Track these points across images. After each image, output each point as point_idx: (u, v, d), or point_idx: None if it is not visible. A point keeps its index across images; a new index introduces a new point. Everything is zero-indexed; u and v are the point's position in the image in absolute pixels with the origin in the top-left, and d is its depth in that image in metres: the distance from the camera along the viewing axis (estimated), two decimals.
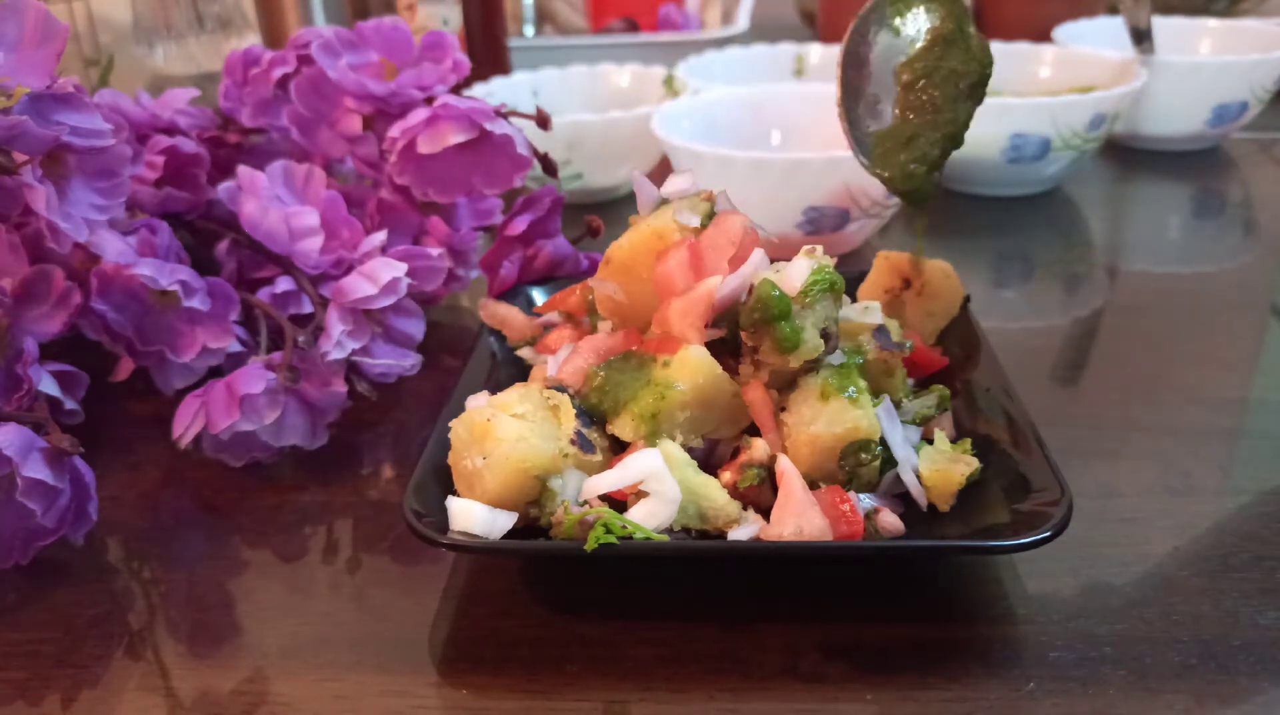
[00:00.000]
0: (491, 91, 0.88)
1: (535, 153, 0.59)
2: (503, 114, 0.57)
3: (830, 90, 0.79)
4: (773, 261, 0.45)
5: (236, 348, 0.55)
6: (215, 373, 0.55)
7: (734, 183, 0.52)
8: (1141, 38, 0.84)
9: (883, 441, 0.42)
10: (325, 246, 0.56)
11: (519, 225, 0.59)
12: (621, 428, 0.42)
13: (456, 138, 0.55)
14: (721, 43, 1.04)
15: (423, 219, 0.62)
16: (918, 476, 0.42)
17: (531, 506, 0.41)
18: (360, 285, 0.51)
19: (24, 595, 0.44)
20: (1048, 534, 0.37)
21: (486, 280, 0.60)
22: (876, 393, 0.44)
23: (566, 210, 0.62)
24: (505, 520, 0.40)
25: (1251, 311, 0.64)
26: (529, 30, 1.27)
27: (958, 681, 0.37)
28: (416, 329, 0.57)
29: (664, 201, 0.46)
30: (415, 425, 0.56)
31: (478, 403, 0.43)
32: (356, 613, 0.42)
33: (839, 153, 0.65)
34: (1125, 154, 0.91)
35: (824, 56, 0.99)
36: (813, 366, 0.43)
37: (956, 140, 0.47)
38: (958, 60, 0.45)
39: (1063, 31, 0.97)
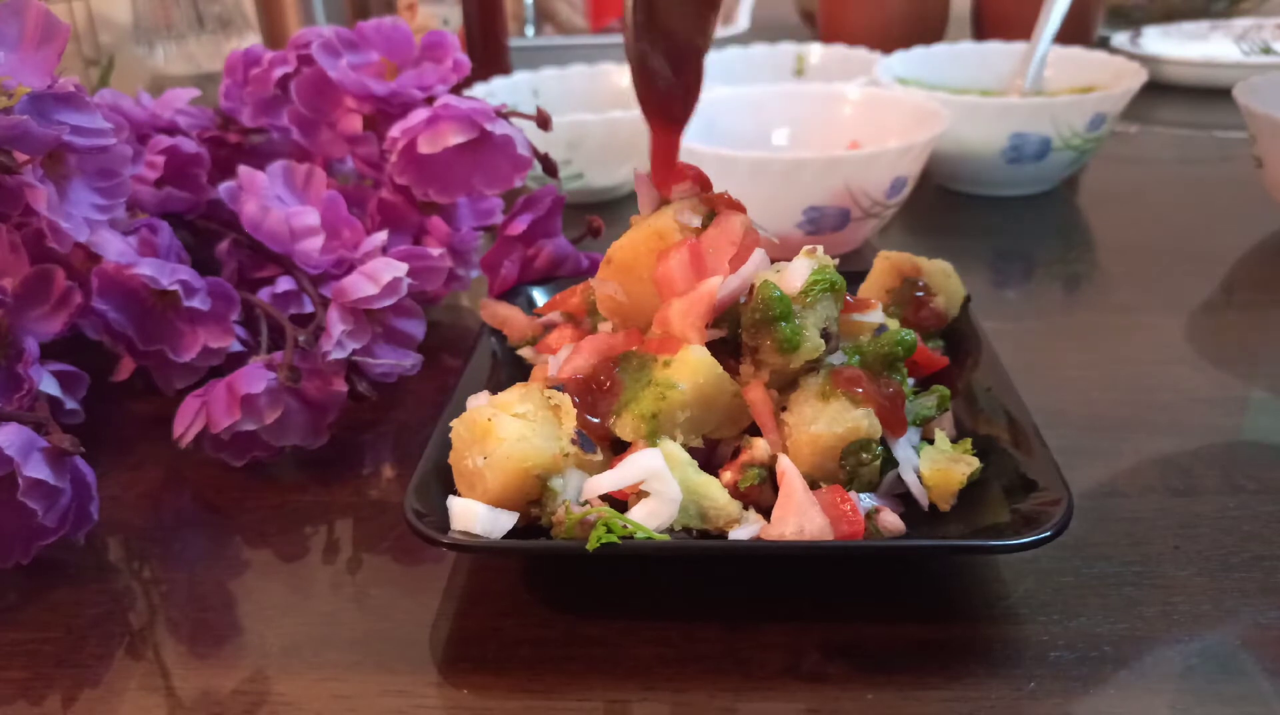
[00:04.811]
0: (492, 91, 0.88)
1: (535, 153, 0.59)
2: (503, 114, 0.57)
3: (831, 90, 0.79)
4: (773, 261, 0.45)
5: (237, 347, 0.55)
6: (216, 372, 0.55)
7: (734, 182, 0.52)
8: None
9: (883, 441, 0.42)
10: (326, 246, 0.56)
11: (520, 225, 0.59)
12: (622, 427, 0.42)
13: (457, 138, 0.55)
14: (722, 43, 1.04)
15: (423, 219, 0.62)
16: (919, 476, 0.42)
17: (532, 506, 0.41)
18: (361, 285, 0.51)
19: (25, 595, 0.44)
20: (1048, 533, 0.37)
21: (487, 280, 0.60)
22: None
23: (567, 210, 0.62)
24: (506, 520, 0.40)
25: (1252, 309, 0.64)
26: (529, 30, 1.27)
27: (959, 681, 0.37)
28: (417, 329, 0.57)
29: (665, 201, 0.46)
30: (416, 425, 0.56)
31: (479, 402, 0.43)
32: (357, 612, 0.42)
33: (839, 153, 0.66)
34: (1126, 153, 0.91)
35: (824, 56, 0.99)
36: (814, 366, 0.43)
37: None
38: None
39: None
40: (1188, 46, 1.16)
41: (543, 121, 0.60)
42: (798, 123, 0.79)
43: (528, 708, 0.37)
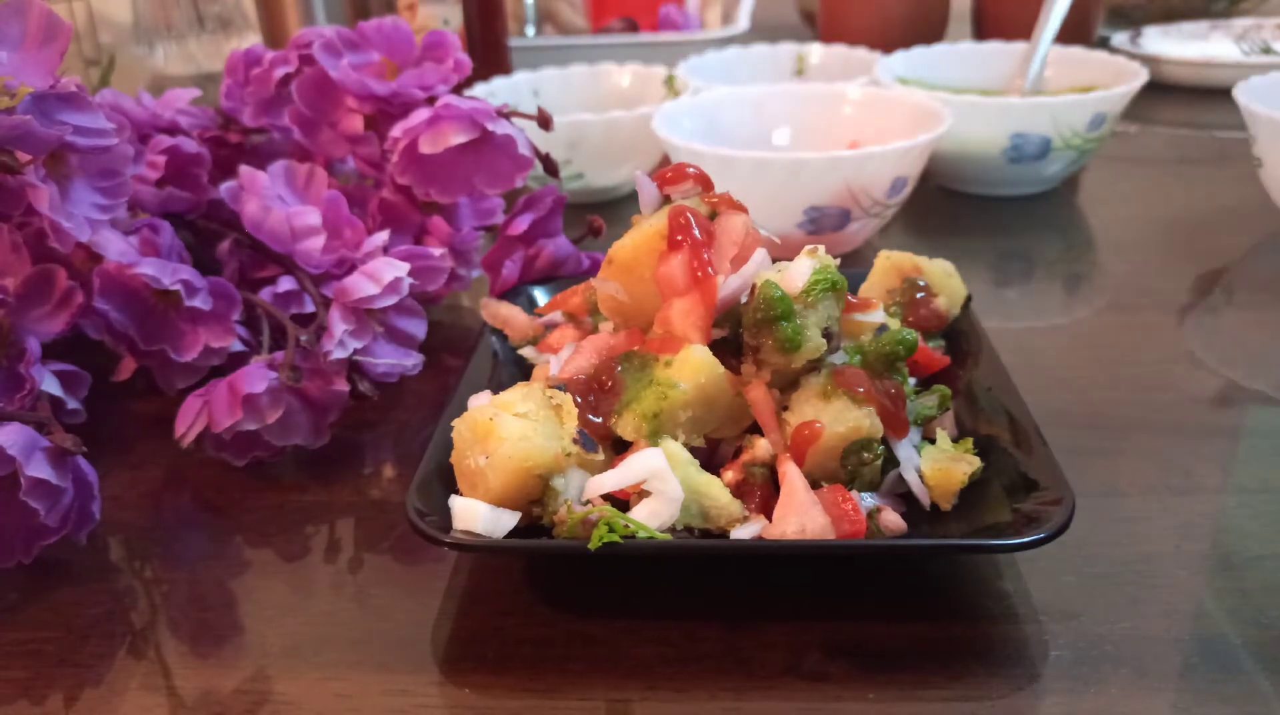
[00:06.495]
0: (492, 91, 0.88)
1: (536, 152, 0.59)
2: (504, 114, 0.58)
3: (831, 90, 0.79)
4: (774, 261, 0.45)
5: (238, 347, 0.55)
6: (217, 372, 0.55)
7: (735, 182, 0.52)
8: None
9: (884, 441, 0.42)
10: (327, 246, 0.56)
11: (521, 225, 0.59)
12: (624, 427, 0.42)
13: (458, 138, 0.55)
14: (722, 43, 1.04)
15: (424, 219, 0.62)
16: (920, 476, 0.42)
17: (534, 506, 0.41)
18: (362, 285, 0.51)
19: (26, 594, 0.44)
20: (1049, 533, 0.37)
21: (488, 280, 0.60)
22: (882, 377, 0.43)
23: (568, 210, 0.62)
24: (508, 519, 0.40)
25: (1252, 309, 0.64)
26: (530, 30, 1.27)
27: (960, 680, 0.37)
28: (418, 329, 0.57)
29: (666, 201, 0.46)
30: (417, 425, 0.56)
31: (480, 402, 0.43)
32: (359, 612, 0.42)
33: (839, 152, 0.66)
34: (1126, 153, 0.91)
35: (824, 56, 0.99)
36: (815, 366, 0.43)
37: None
38: None
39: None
40: (1188, 46, 1.16)
41: (543, 121, 0.60)
42: (798, 123, 0.79)
43: (529, 707, 0.37)
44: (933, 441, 0.44)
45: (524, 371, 0.53)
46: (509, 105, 0.59)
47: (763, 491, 0.42)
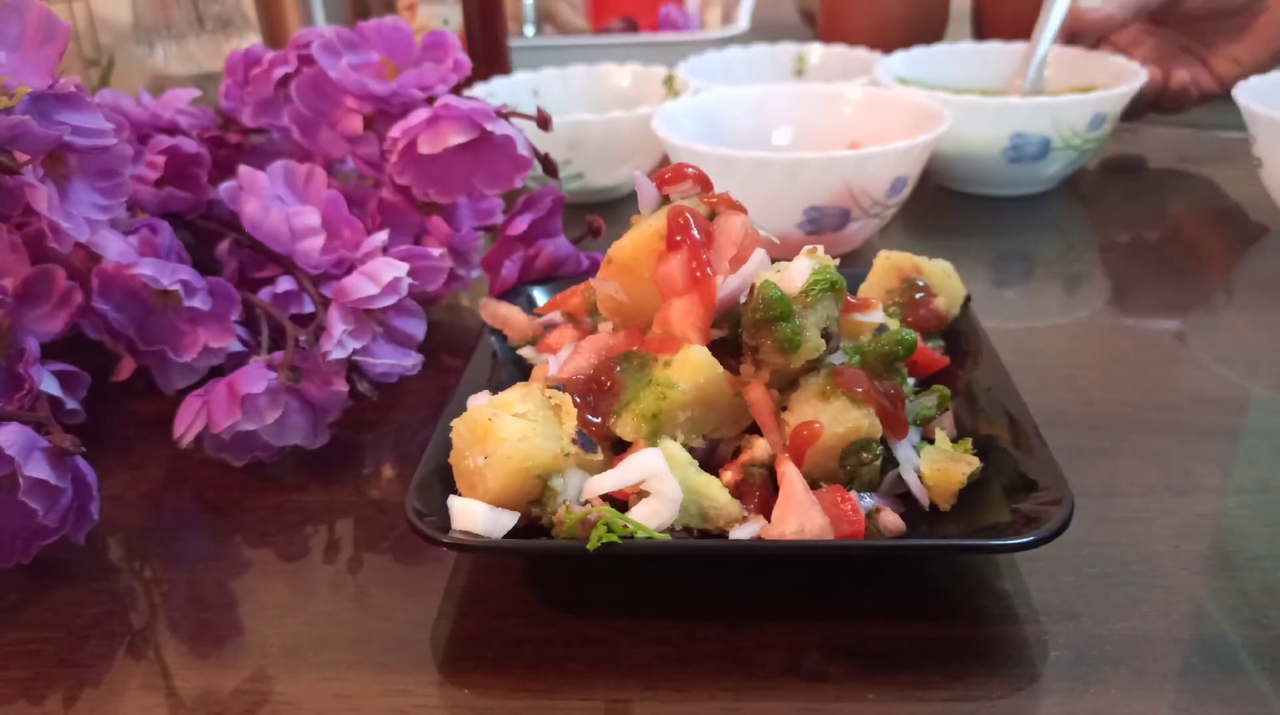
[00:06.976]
0: (492, 91, 0.88)
1: (536, 153, 0.59)
2: (503, 114, 0.57)
3: (831, 90, 0.79)
4: (774, 261, 0.45)
5: (238, 347, 0.55)
6: (216, 372, 0.55)
7: (735, 182, 0.52)
8: None
9: (884, 441, 0.42)
10: (326, 246, 0.56)
11: (520, 225, 0.59)
12: (623, 427, 0.42)
13: (457, 138, 0.55)
14: (722, 43, 1.04)
15: (424, 219, 0.62)
16: (919, 476, 0.42)
17: (533, 506, 0.41)
18: (362, 285, 0.51)
19: (26, 595, 0.44)
20: (1049, 533, 0.37)
21: (488, 280, 0.60)
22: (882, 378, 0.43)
23: (567, 210, 0.62)
24: (507, 519, 0.40)
25: (1252, 309, 0.64)
26: (529, 30, 1.27)
27: (959, 681, 0.37)
28: (418, 329, 0.57)
29: (665, 201, 0.46)
30: (416, 425, 0.56)
31: (479, 402, 0.43)
32: (358, 612, 0.42)
33: (839, 152, 0.66)
34: (1126, 153, 0.91)
35: (824, 56, 0.99)
36: (814, 366, 0.43)
37: None
38: None
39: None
40: None
41: (543, 121, 0.60)
42: (798, 123, 0.79)
43: (529, 707, 0.37)
44: (932, 442, 0.44)
45: (523, 372, 0.53)
46: (508, 105, 0.59)
47: (762, 492, 0.41)
